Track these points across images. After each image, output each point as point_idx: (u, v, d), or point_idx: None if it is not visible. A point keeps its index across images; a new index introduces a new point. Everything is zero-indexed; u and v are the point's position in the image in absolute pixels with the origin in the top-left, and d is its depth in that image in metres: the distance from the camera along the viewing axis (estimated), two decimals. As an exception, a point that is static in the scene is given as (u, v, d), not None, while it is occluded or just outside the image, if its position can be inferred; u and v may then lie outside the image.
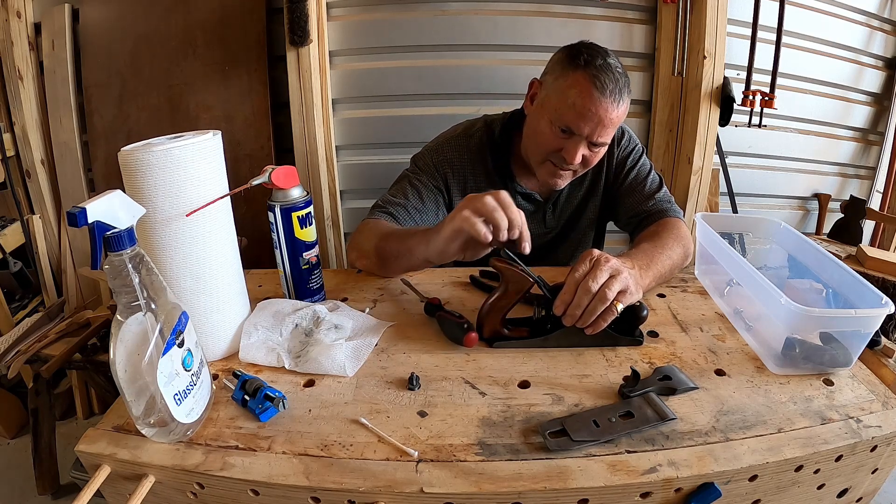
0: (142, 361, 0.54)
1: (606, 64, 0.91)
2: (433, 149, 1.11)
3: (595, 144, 0.96)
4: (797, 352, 0.69)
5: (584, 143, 0.94)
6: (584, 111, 0.91)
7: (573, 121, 0.92)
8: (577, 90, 0.90)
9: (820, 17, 1.98)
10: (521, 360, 0.73)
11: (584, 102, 0.90)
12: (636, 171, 1.11)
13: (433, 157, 1.09)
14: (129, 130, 1.87)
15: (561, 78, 0.94)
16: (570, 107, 0.92)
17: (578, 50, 0.93)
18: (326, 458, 0.57)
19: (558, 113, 0.93)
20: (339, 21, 1.84)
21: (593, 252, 0.74)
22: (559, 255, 1.19)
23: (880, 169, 2.26)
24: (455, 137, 1.11)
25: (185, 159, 0.64)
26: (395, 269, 0.97)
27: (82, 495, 0.53)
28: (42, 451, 1.51)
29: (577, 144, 0.94)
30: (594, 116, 0.91)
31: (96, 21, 1.85)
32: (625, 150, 1.11)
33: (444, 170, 1.09)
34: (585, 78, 0.90)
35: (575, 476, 0.54)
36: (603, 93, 0.89)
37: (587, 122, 0.92)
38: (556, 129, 0.95)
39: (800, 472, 0.58)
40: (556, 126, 0.94)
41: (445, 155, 1.09)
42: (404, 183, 1.08)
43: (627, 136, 1.12)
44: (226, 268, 0.73)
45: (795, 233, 0.87)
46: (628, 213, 1.11)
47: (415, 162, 1.12)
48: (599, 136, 0.93)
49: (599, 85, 0.89)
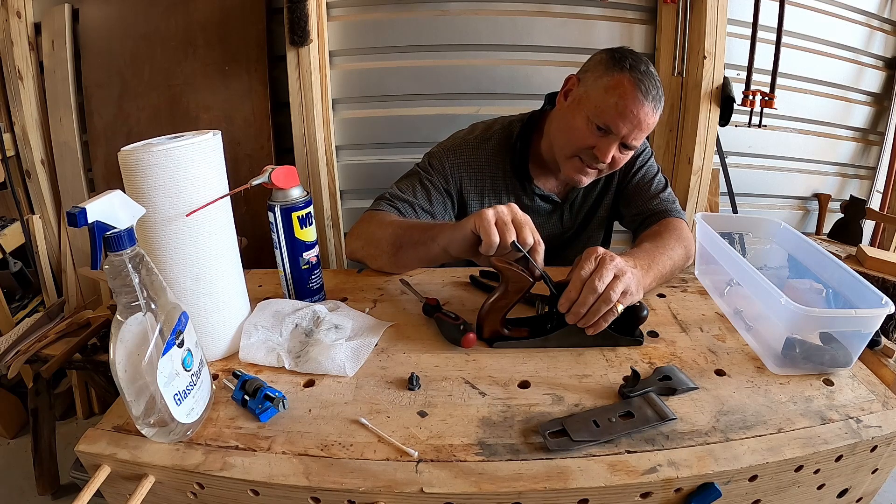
0: (142, 361, 0.54)
1: (649, 71, 0.93)
2: (450, 149, 1.10)
3: (626, 147, 0.97)
4: (797, 352, 0.69)
5: (617, 143, 0.96)
6: (626, 111, 0.92)
7: (613, 119, 0.93)
8: (621, 91, 0.92)
9: (820, 17, 1.98)
10: (521, 360, 0.73)
11: (627, 103, 0.91)
12: (644, 171, 1.12)
13: (449, 159, 1.08)
14: (129, 130, 1.87)
15: (605, 77, 0.94)
16: (611, 106, 0.92)
17: (623, 54, 0.95)
18: (326, 458, 0.57)
19: (598, 110, 0.94)
20: (339, 21, 1.84)
21: (598, 250, 0.74)
22: (570, 254, 1.20)
23: (880, 169, 2.26)
24: (473, 139, 1.11)
25: (185, 159, 0.64)
26: (408, 259, 0.94)
27: (82, 495, 0.53)
28: (42, 451, 1.51)
29: (611, 144, 0.95)
30: (634, 118, 0.92)
31: (96, 21, 1.85)
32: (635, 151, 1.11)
33: (458, 173, 1.08)
34: (631, 81, 0.91)
35: (575, 476, 0.54)
36: (647, 97, 0.91)
37: (626, 122, 0.93)
38: (593, 127, 0.95)
39: (800, 473, 0.58)
40: (592, 123, 0.95)
41: (462, 158, 1.09)
42: (414, 180, 1.07)
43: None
44: (226, 268, 0.73)
45: (795, 233, 0.87)
46: (633, 212, 1.12)
47: (429, 160, 1.10)
48: (634, 138, 0.95)
49: (644, 89, 0.91)
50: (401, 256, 0.94)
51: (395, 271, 0.99)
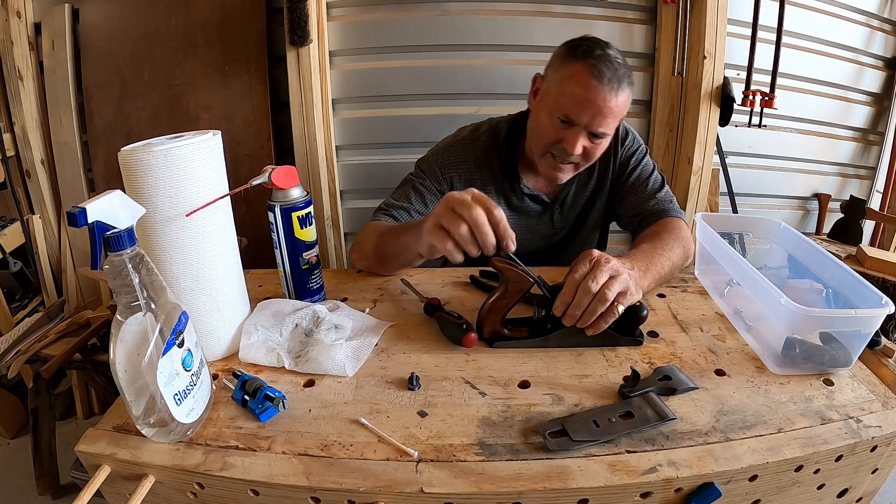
0: (142, 361, 0.54)
1: (605, 54, 0.91)
2: (438, 152, 1.11)
3: (595, 135, 0.95)
4: (797, 352, 0.69)
5: (583, 133, 0.95)
6: (583, 99, 0.91)
7: (572, 110, 0.93)
8: (576, 80, 0.91)
9: (820, 17, 1.98)
10: (521, 360, 0.73)
11: (582, 91, 0.90)
12: (639, 171, 1.11)
13: (438, 161, 1.09)
14: (129, 130, 1.87)
15: (561, 69, 0.94)
16: (568, 96, 0.92)
17: (579, 42, 0.94)
18: (326, 458, 0.57)
19: (558, 103, 0.94)
20: (339, 21, 1.84)
21: (593, 252, 0.74)
22: (566, 256, 1.19)
23: (880, 169, 2.26)
24: (461, 140, 1.11)
25: (185, 159, 0.64)
26: (392, 265, 0.97)
27: (82, 495, 0.53)
28: (42, 451, 1.51)
29: (577, 134, 0.95)
30: (592, 105, 0.91)
31: (96, 21, 1.85)
32: (628, 150, 1.11)
33: (449, 174, 1.09)
34: (583, 67, 0.90)
35: (575, 476, 0.54)
36: (601, 81, 0.89)
37: (585, 110, 0.92)
38: (556, 120, 0.95)
39: (800, 472, 0.58)
40: (555, 117, 0.95)
41: (451, 158, 1.09)
42: (408, 187, 1.08)
43: (632, 137, 1.12)
44: (226, 268, 0.73)
45: (795, 233, 0.87)
46: (630, 213, 1.11)
47: (419, 166, 1.12)
48: (599, 125, 0.93)
49: (597, 73, 0.89)
50: (387, 265, 0.97)
51: (394, 275, 0.99)
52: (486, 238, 0.68)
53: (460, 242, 0.69)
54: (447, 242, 0.69)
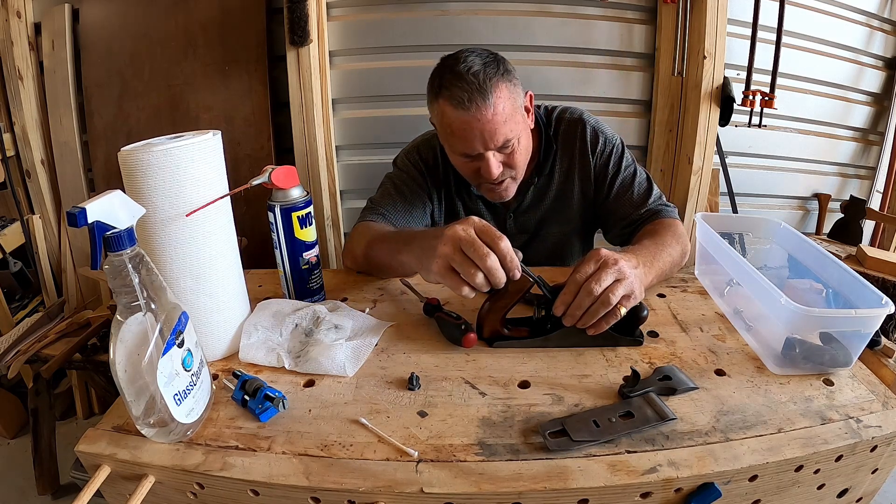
0: (142, 361, 0.54)
1: (455, 74, 0.86)
2: (410, 150, 1.12)
3: (502, 148, 0.91)
4: (797, 352, 0.69)
5: (490, 154, 0.91)
6: (463, 134, 0.88)
7: (462, 146, 0.91)
8: (446, 118, 0.89)
9: (820, 17, 1.98)
10: (521, 360, 0.73)
11: (457, 126, 0.88)
12: (621, 179, 1.05)
13: (411, 158, 1.10)
14: (129, 130, 1.87)
15: (433, 112, 0.93)
16: (451, 136, 0.91)
17: (434, 75, 0.91)
18: (326, 458, 0.57)
19: (449, 145, 0.94)
20: (339, 21, 1.84)
21: (600, 252, 0.72)
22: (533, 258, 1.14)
23: (880, 169, 2.26)
24: (428, 139, 1.12)
25: (185, 159, 0.64)
26: (386, 275, 0.98)
27: (82, 495, 0.53)
28: (42, 451, 1.51)
29: (487, 160, 0.91)
30: (474, 132, 0.87)
31: (96, 21, 1.85)
32: (602, 158, 1.06)
33: (420, 168, 1.10)
34: (444, 102, 0.88)
35: (575, 476, 0.54)
36: (465, 107, 0.85)
37: (472, 140, 0.89)
38: (461, 158, 0.94)
39: (800, 473, 0.58)
40: (456, 156, 0.95)
41: (421, 155, 1.10)
42: (388, 184, 1.09)
43: (602, 140, 1.05)
44: (226, 268, 0.73)
45: (795, 233, 0.87)
46: (621, 224, 1.06)
47: (395, 164, 1.13)
48: (495, 142, 0.89)
49: (457, 102, 0.86)
50: (379, 274, 0.98)
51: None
52: (500, 280, 0.68)
53: (476, 287, 0.69)
54: (462, 288, 0.69)
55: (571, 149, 1.07)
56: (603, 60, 1.87)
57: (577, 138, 1.06)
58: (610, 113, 1.92)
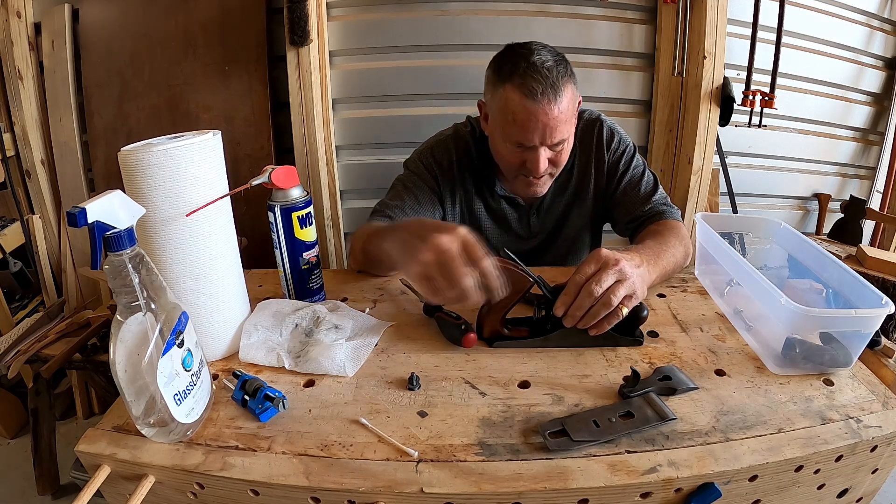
0: (142, 361, 0.54)
1: (531, 64, 0.87)
2: (423, 152, 1.11)
3: (555, 145, 0.93)
4: (797, 352, 0.69)
5: (542, 149, 0.92)
6: (525, 123, 0.89)
7: (520, 135, 0.91)
8: (511, 105, 0.89)
9: (820, 17, 1.98)
10: (521, 360, 0.73)
11: (522, 115, 0.88)
12: (630, 175, 1.09)
13: (423, 161, 1.10)
14: (129, 130, 1.87)
15: (495, 96, 0.93)
16: (510, 123, 0.90)
17: (504, 58, 0.91)
18: (326, 458, 0.57)
19: (504, 132, 0.93)
20: (339, 21, 1.84)
21: (601, 253, 0.72)
22: (547, 261, 1.17)
23: (880, 169, 2.26)
24: (443, 140, 1.11)
25: (185, 159, 0.64)
26: (382, 269, 0.98)
27: (82, 495, 0.53)
28: (42, 451, 1.51)
29: (537, 153, 0.92)
30: (536, 124, 0.88)
31: (96, 21, 1.85)
32: (615, 154, 1.09)
33: (433, 171, 1.09)
34: (513, 89, 0.88)
35: (575, 476, 0.54)
36: (535, 98, 0.86)
37: (533, 132, 0.90)
38: (511, 147, 0.94)
39: (800, 473, 0.58)
40: (508, 144, 0.94)
41: (434, 158, 1.09)
42: (399, 187, 1.09)
43: (617, 139, 1.09)
44: (226, 268, 0.73)
45: (795, 233, 0.87)
46: (626, 218, 1.09)
47: (406, 167, 1.12)
48: (552, 138, 0.91)
49: (529, 92, 0.86)
50: (376, 269, 0.98)
51: (392, 275, 0.99)
52: (473, 302, 0.66)
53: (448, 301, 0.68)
54: (436, 297, 0.67)
55: (589, 145, 1.09)
56: (603, 60, 1.87)
57: (594, 135, 1.09)
58: (610, 113, 1.90)
